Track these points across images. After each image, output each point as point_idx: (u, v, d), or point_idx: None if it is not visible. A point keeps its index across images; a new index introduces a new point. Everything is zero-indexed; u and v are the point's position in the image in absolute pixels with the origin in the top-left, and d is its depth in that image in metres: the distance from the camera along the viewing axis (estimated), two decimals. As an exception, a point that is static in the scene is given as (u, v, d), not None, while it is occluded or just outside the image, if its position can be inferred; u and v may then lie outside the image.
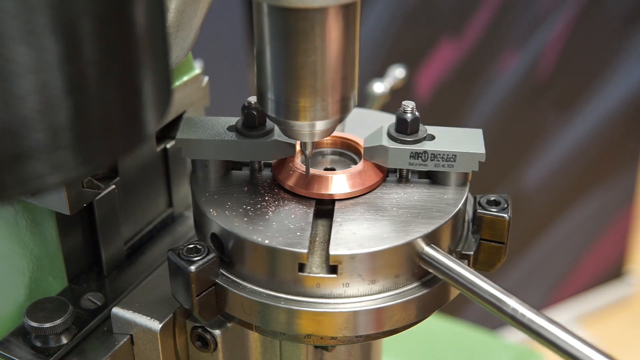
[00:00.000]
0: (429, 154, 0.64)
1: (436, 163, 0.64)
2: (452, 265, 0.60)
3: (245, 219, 0.62)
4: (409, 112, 0.65)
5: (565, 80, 1.99)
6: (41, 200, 0.66)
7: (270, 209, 0.63)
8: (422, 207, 0.63)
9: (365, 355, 0.74)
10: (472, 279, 0.59)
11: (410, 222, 0.62)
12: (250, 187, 0.66)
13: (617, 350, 2.35)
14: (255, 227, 0.61)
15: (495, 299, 0.57)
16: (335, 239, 0.60)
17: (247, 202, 0.64)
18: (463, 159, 0.64)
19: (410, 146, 0.64)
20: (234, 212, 0.63)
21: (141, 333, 0.67)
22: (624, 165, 2.21)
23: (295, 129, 0.61)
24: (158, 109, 0.47)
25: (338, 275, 0.60)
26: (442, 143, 0.65)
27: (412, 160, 0.64)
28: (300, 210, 0.63)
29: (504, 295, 0.57)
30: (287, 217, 0.62)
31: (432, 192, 0.65)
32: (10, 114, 0.39)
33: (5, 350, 0.66)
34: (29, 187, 0.41)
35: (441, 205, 0.63)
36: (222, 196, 0.65)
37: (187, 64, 0.75)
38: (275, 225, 0.61)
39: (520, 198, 2.06)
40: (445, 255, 0.60)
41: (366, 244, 0.60)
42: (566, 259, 2.27)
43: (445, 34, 1.79)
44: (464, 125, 1.87)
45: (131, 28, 0.43)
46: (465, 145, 0.64)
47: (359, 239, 0.60)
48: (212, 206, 0.64)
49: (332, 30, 0.56)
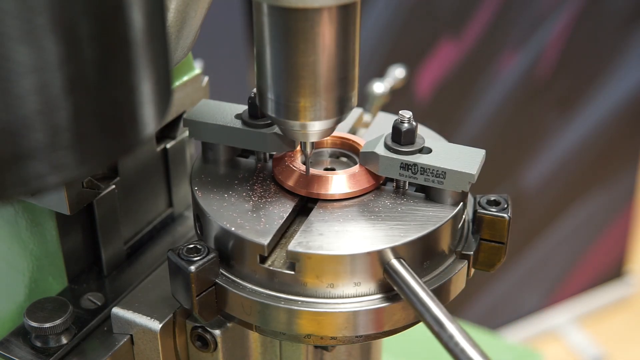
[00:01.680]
0: (419, 167, 0.62)
1: (426, 177, 0.62)
2: (411, 283, 0.58)
3: (225, 204, 0.63)
4: (405, 122, 0.63)
5: (565, 80, 1.99)
6: (41, 200, 0.66)
7: (254, 198, 0.64)
8: (404, 218, 0.62)
9: (365, 355, 0.74)
10: (424, 300, 0.57)
11: (385, 232, 0.60)
12: (246, 175, 0.67)
13: (617, 350, 2.34)
14: (229, 213, 0.62)
15: (437, 323, 0.56)
16: (301, 237, 0.60)
17: (234, 188, 0.65)
18: (453, 177, 0.62)
19: (402, 157, 0.62)
20: (218, 196, 0.64)
21: (141, 333, 0.67)
22: (624, 165, 2.21)
23: (295, 128, 0.61)
24: (158, 109, 0.47)
25: (296, 272, 0.60)
26: (435, 158, 0.62)
27: (402, 171, 0.63)
28: (282, 204, 0.64)
29: (447, 321, 0.56)
30: (265, 208, 0.63)
31: (420, 206, 0.63)
32: (10, 114, 0.39)
33: (5, 350, 0.66)
34: (29, 187, 0.41)
35: (422, 220, 0.62)
36: (214, 179, 0.66)
37: (187, 64, 0.75)
38: (250, 215, 0.62)
39: (520, 198, 2.07)
40: (408, 272, 0.59)
41: (327, 247, 0.59)
42: (566, 259, 2.27)
43: (445, 34, 1.79)
44: (464, 125, 1.88)
45: (131, 28, 0.43)
46: (457, 163, 0.62)
47: (323, 240, 0.60)
48: (200, 187, 0.65)
49: (332, 30, 0.56)
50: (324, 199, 0.64)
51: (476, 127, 1.91)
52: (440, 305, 0.57)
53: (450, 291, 0.64)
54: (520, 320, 2.28)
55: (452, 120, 1.88)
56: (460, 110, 1.89)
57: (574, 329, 2.33)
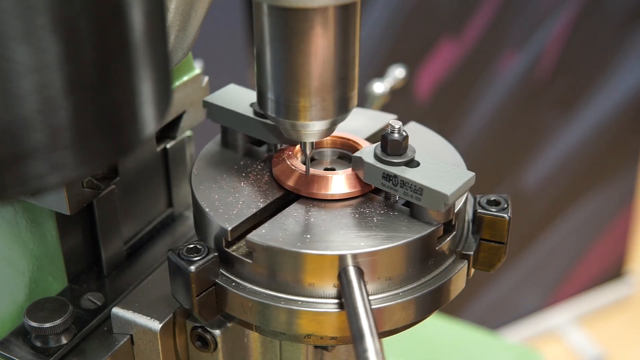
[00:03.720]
0: (399, 179, 0.60)
1: (405, 191, 0.60)
2: (354, 293, 0.57)
3: (213, 186, 0.65)
4: (395, 132, 0.62)
5: (565, 80, 1.99)
6: (41, 200, 0.66)
7: (242, 185, 0.65)
8: (374, 229, 0.60)
9: (365, 355, 0.74)
10: (358, 310, 0.56)
11: (349, 238, 0.60)
12: (248, 162, 0.68)
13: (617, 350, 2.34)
14: (212, 195, 0.64)
15: (358, 334, 0.55)
16: (264, 228, 0.61)
17: (230, 173, 0.67)
18: (429, 195, 0.59)
19: (385, 166, 0.61)
20: (211, 177, 0.66)
21: (141, 333, 0.67)
22: (624, 165, 2.21)
23: (295, 128, 0.61)
24: (158, 109, 0.47)
25: (253, 262, 0.60)
26: (418, 173, 0.61)
27: (384, 181, 0.61)
28: (266, 195, 0.64)
29: (369, 336, 0.54)
30: (247, 196, 0.64)
31: (398, 220, 0.61)
32: (10, 114, 0.39)
33: (5, 350, 0.66)
34: (29, 187, 0.41)
35: (391, 234, 0.60)
36: (217, 162, 0.68)
37: (187, 64, 0.75)
38: (230, 200, 0.63)
39: (520, 198, 2.06)
40: (357, 281, 0.58)
41: (284, 241, 0.59)
42: (566, 259, 2.27)
43: (445, 34, 1.79)
44: (464, 125, 1.88)
45: (131, 28, 0.43)
46: (437, 182, 0.59)
47: (284, 234, 0.60)
48: (200, 167, 0.68)
49: (332, 30, 0.56)
50: (305, 196, 0.64)
51: (476, 127, 1.91)
52: (372, 321, 0.56)
53: (450, 291, 0.64)
54: (520, 320, 2.28)
55: (452, 120, 1.88)
56: (460, 110, 1.88)
57: (574, 329, 2.33)
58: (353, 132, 0.69)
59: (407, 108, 1.76)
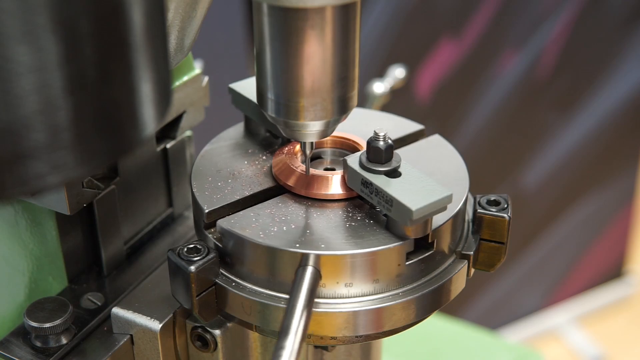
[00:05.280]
0: (374, 187, 0.60)
1: (379, 200, 0.59)
2: (299, 293, 0.57)
3: (210, 169, 0.67)
4: (379, 139, 0.61)
5: (565, 80, 1.99)
6: (41, 200, 0.66)
7: (238, 173, 0.66)
8: (342, 233, 0.60)
9: (365, 355, 0.74)
10: (294, 309, 0.56)
11: (315, 239, 0.59)
12: (255, 151, 0.69)
13: (617, 350, 2.34)
14: (205, 178, 0.66)
15: (283, 332, 0.55)
16: (239, 215, 0.62)
17: (232, 159, 0.68)
18: (398, 208, 0.58)
19: (364, 172, 0.60)
20: (212, 162, 0.68)
21: (141, 333, 0.67)
22: (624, 165, 2.21)
23: (295, 129, 0.61)
24: (158, 109, 0.47)
25: (223, 247, 0.62)
26: (394, 183, 0.59)
27: (362, 188, 0.61)
28: (256, 184, 0.65)
29: (292, 336, 0.54)
30: (238, 183, 0.65)
31: (369, 228, 0.61)
32: (10, 114, 0.39)
33: (5, 350, 0.66)
34: (29, 187, 0.41)
35: (355, 240, 0.59)
36: (225, 148, 0.70)
37: (187, 64, 0.75)
38: (220, 185, 0.65)
39: (520, 198, 2.06)
40: (307, 283, 0.57)
41: (248, 231, 0.60)
42: (566, 259, 2.27)
43: (445, 34, 1.79)
44: (464, 125, 1.88)
45: (131, 28, 0.43)
46: (408, 195, 0.58)
47: (252, 225, 0.61)
48: (208, 151, 0.69)
49: (332, 30, 0.56)
50: (292, 192, 0.64)
51: (476, 127, 1.91)
52: (302, 324, 0.56)
53: (450, 291, 0.64)
54: (520, 320, 2.28)
55: (452, 120, 1.88)
56: (460, 110, 1.88)
57: (574, 329, 2.33)
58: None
59: (407, 108, 1.76)
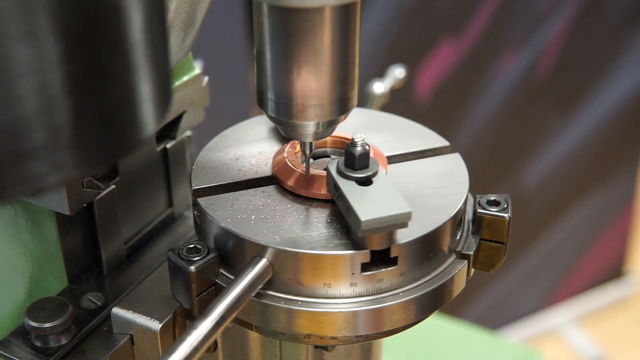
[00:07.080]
0: (340, 192, 0.59)
1: (342, 206, 0.59)
2: (241, 280, 0.58)
3: (215, 153, 0.68)
4: (357, 145, 0.60)
5: (565, 80, 1.99)
6: (41, 200, 0.66)
7: (238, 161, 0.67)
8: (311, 232, 0.60)
9: (365, 355, 0.74)
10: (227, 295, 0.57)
11: (273, 232, 0.60)
12: (258, 146, 0.69)
13: (617, 350, 2.33)
14: (209, 159, 0.67)
15: (206, 312, 0.56)
16: (219, 198, 0.63)
17: (239, 147, 0.69)
18: (352, 216, 0.57)
19: (337, 177, 0.60)
20: (220, 147, 0.69)
21: (141, 333, 0.67)
22: (624, 165, 2.21)
23: (295, 128, 0.61)
24: (158, 109, 0.47)
25: (199, 224, 0.64)
26: (359, 191, 0.59)
27: (334, 191, 0.61)
28: (251, 172, 0.66)
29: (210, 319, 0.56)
30: (233, 169, 0.66)
31: (340, 232, 0.60)
32: (10, 114, 0.39)
33: (5, 350, 0.66)
34: (29, 187, 0.41)
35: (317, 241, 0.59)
36: (238, 136, 0.71)
37: (187, 64, 0.75)
38: (216, 169, 0.66)
39: (520, 198, 2.07)
40: (253, 273, 0.58)
41: (218, 213, 0.62)
42: (566, 259, 2.27)
43: (445, 34, 1.79)
44: (464, 125, 1.88)
45: (131, 28, 0.43)
46: (365, 205, 0.57)
47: (226, 208, 0.62)
48: (222, 136, 0.71)
49: (332, 30, 0.56)
50: (284, 187, 0.65)
51: (476, 127, 1.91)
52: (228, 311, 0.57)
53: (451, 291, 0.64)
54: (520, 320, 2.28)
55: (452, 120, 1.88)
56: (460, 110, 1.88)
57: (574, 329, 2.33)
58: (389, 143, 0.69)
59: (407, 108, 1.77)
